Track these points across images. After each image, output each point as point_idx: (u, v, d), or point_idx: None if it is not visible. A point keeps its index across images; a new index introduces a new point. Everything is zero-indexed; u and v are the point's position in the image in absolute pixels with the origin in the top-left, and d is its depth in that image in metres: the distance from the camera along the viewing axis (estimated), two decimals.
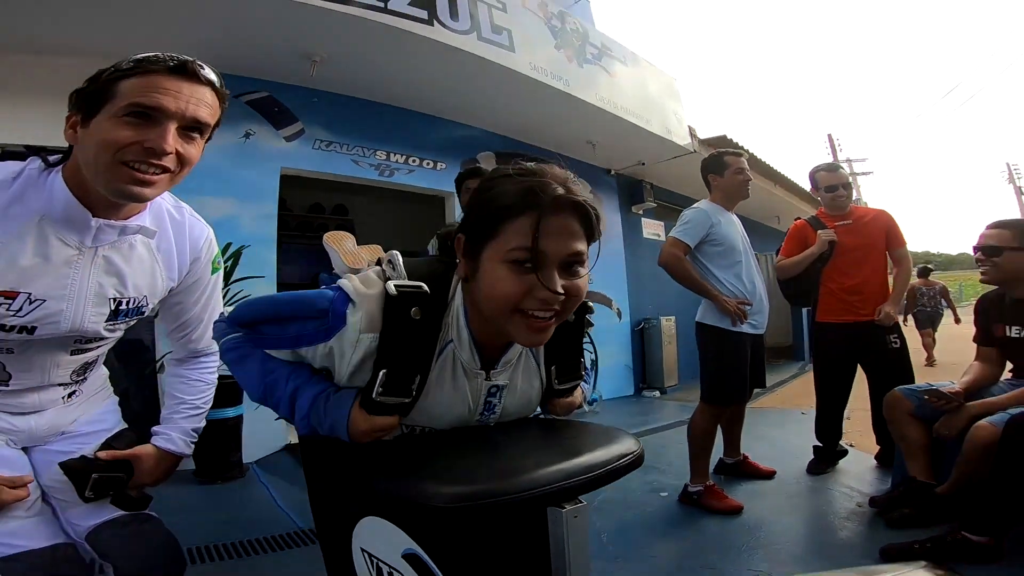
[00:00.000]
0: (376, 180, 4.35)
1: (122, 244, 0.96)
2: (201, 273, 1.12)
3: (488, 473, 0.73)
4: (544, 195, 0.75)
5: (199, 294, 1.14)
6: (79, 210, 0.88)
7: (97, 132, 0.82)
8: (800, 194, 8.91)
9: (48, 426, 1.07)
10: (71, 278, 0.92)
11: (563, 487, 0.73)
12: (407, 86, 4.11)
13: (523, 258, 0.75)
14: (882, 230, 2.87)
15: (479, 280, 0.79)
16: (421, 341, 0.82)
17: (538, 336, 0.79)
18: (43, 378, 1.02)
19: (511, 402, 0.94)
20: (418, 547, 0.85)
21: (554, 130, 5.11)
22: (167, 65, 0.84)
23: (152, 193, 0.87)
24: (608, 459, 0.80)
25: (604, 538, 2.22)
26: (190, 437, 1.19)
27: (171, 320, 1.17)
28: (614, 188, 6.32)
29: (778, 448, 3.42)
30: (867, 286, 2.80)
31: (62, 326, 0.94)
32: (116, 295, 0.98)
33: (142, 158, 0.82)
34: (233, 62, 3.52)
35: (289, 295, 0.89)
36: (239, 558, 2.12)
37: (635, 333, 6.20)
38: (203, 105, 0.87)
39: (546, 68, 4.24)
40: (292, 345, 0.86)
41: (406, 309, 0.79)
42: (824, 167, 3.03)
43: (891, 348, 2.76)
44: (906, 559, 1.84)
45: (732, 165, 2.65)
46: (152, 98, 0.81)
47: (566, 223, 0.77)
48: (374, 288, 0.81)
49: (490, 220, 0.78)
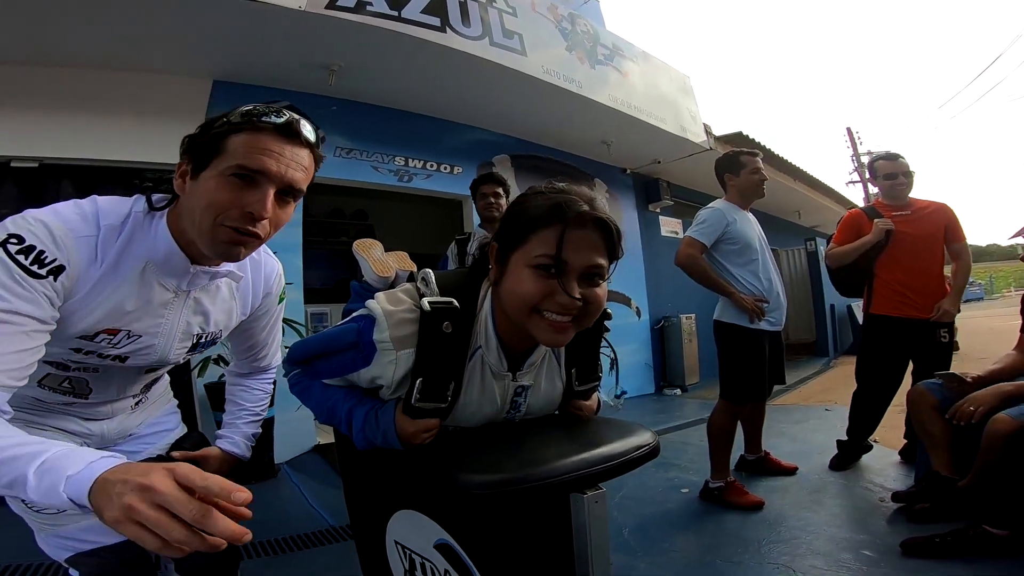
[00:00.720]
0: (395, 185, 4.42)
1: (210, 286, 1.02)
2: (270, 305, 1.18)
3: (516, 463, 0.79)
4: (570, 210, 0.83)
5: (266, 322, 1.21)
6: (180, 258, 0.92)
7: (204, 190, 0.84)
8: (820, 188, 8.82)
9: (117, 430, 1.15)
10: (165, 318, 0.98)
11: (584, 475, 0.79)
12: (423, 92, 4.18)
13: (546, 264, 0.82)
14: (941, 223, 2.80)
15: (505, 281, 0.87)
16: (453, 351, 0.89)
17: (558, 336, 0.85)
18: (119, 393, 1.10)
19: (535, 401, 1.01)
20: (449, 537, 0.92)
21: (569, 131, 5.15)
22: (274, 123, 0.85)
23: (245, 254, 0.91)
24: (626, 450, 0.87)
25: (626, 533, 2.26)
26: (250, 441, 1.26)
27: (239, 343, 1.24)
28: (630, 187, 6.33)
29: (800, 444, 3.42)
30: (924, 279, 2.74)
31: (151, 358, 1.01)
32: (200, 331, 1.05)
33: (240, 223, 0.85)
34: (253, 73, 3.63)
35: (325, 334, 1.00)
36: (274, 556, 2.20)
37: (655, 331, 6.21)
38: (300, 169, 0.88)
39: (558, 70, 4.28)
40: (340, 373, 0.95)
41: (439, 324, 0.87)
42: (883, 155, 2.96)
43: (939, 343, 2.71)
44: (927, 553, 1.86)
45: (748, 165, 2.66)
46: (257, 160, 0.83)
47: (589, 237, 0.84)
48: (403, 306, 0.88)
49: (520, 230, 0.86)
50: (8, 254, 0.77)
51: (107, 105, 3.25)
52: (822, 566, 1.90)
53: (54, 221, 0.82)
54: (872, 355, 2.90)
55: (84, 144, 3.23)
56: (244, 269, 1.07)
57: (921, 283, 2.74)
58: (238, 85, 3.69)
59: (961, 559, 1.80)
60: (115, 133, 3.26)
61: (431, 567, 0.96)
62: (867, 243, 2.78)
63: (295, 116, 0.88)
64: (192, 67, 3.51)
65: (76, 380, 1.01)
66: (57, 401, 1.03)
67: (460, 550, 0.90)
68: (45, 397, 1.01)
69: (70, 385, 1.01)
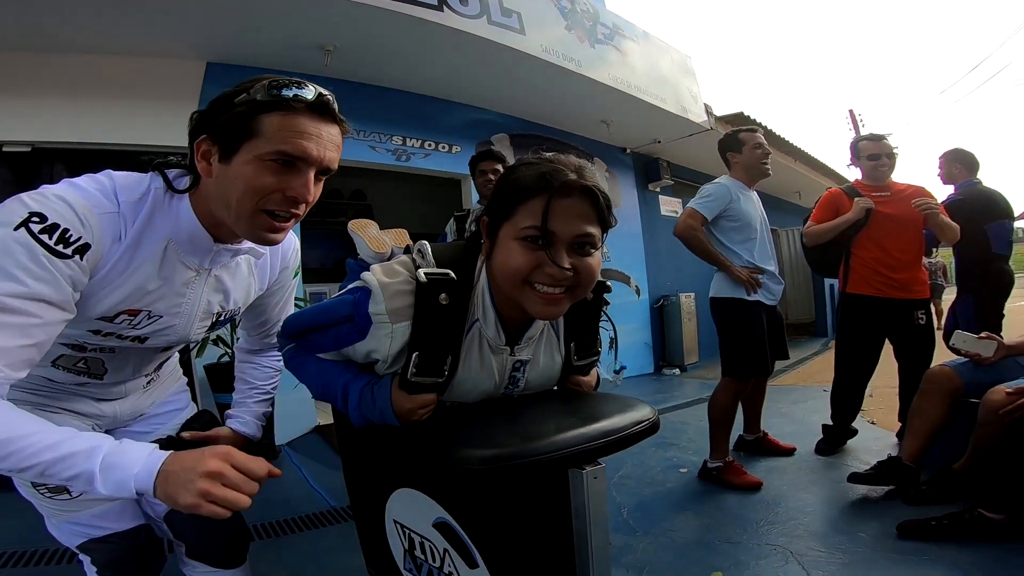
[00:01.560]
0: (393, 165, 4.39)
1: (231, 264, 1.00)
2: (286, 280, 1.17)
3: (515, 438, 0.78)
4: (555, 179, 0.81)
5: (280, 297, 1.19)
6: (205, 238, 0.90)
7: (241, 175, 0.80)
8: (821, 169, 8.76)
9: (130, 410, 1.14)
10: (187, 297, 0.95)
11: (583, 450, 0.79)
12: (420, 72, 4.12)
13: (533, 235, 0.81)
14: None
15: (496, 255, 0.86)
16: (450, 324, 0.87)
17: (550, 308, 0.84)
18: (134, 373, 1.08)
19: (534, 376, 0.99)
20: (448, 515, 0.91)
21: (568, 111, 5.10)
22: (307, 102, 0.81)
23: (281, 239, 0.90)
24: (625, 424, 0.86)
25: (624, 513, 2.27)
26: (261, 420, 1.25)
27: (251, 319, 1.22)
28: (630, 167, 6.30)
29: (798, 425, 3.43)
30: (901, 259, 2.74)
31: (171, 338, 0.99)
32: (220, 309, 1.03)
33: (283, 207, 0.83)
34: (247, 55, 3.59)
35: (320, 306, 0.96)
36: (275, 537, 2.21)
37: (654, 311, 6.21)
38: (335, 148, 0.86)
39: (557, 49, 4.22)
40: (335, 347, 0.93)
41: (435, 295, 0.85)
42: (868, 136, 2.95)
43: (917, 324, 2.72)
44: (922, 536, 1.87)
45: (749, 141, 2.64)
46: (298, 146, 0.79)
47: (576, 206, 0.82)
48: (399, 277, 0.86)
49: (508, 202, 0.85)
50: (31, 234, 0.73)
51: (100, 89, 3.22)
52: (818, 547, 1.91)
53: (76, 197, 0.78)
54: (849, 335, 2.89)
55: (77, 128, 3.20)
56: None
57: (899, 263, 2.73)
58: (232, 67, 3.65)
59: (956, 542, 1.81)
60: (108, 116, 3.23)
61: (430, 546, 0.95)
62: (847, 221, 2.76)
63: (322, 91, 0.83)
64: (185, 49, 3.46)
65: (92, 360, 0.99)
66: (71, 382, 1.01)
67: (459, 528, 0.89)
68: (58, 377, 0.99)
69: (85, 366, 0.99)
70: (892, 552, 1.83)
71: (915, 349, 2.72)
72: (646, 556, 1.92)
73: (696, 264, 2.64)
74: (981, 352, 2.17)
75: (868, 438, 3.02)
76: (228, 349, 3.21)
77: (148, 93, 3.36)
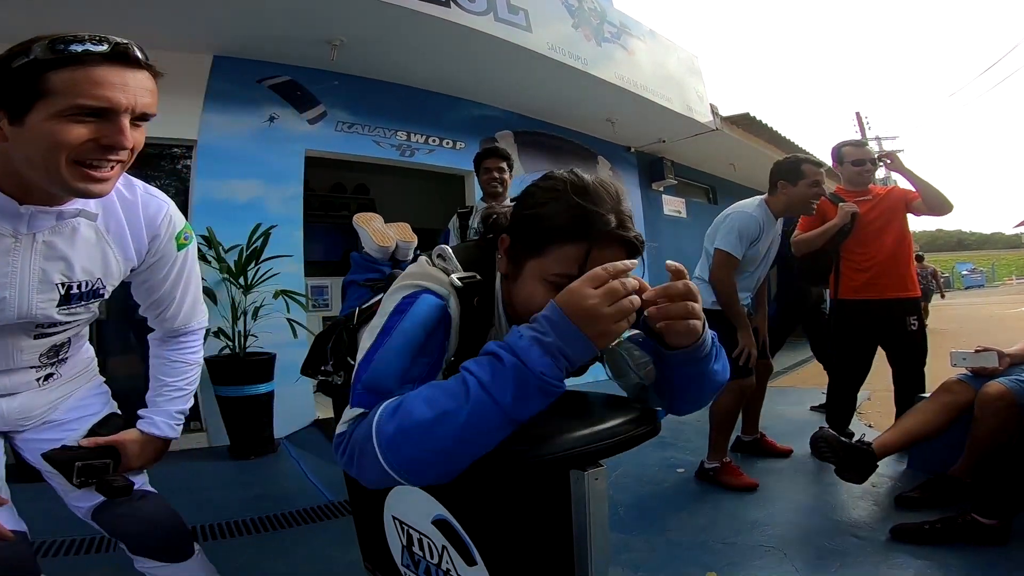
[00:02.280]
0: (397, 160, 4.41)
1: (64, 228, 0.93)
2: (164, 250, 1.07)
3: (515, 437, 0.76)
4: (595, 226, 0.77)
5: (167, 271, 1.10)
6: (6, 201, 0.85)
7: (40, 134, 0.76)
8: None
9: (20, 408, 1.07)
10: (11, 266, 0.89)
11: (585, 451, 0.79)
12: (426, 67, 4.12)
13: (562, 283, 0.73)
14: (900, 200, 2.81)
15: (518, 286, 0.84)
16: (480, 324, 0.88)
17: None
18: (8, 362, 1.02)
19: None
20: (447, 512, 0.91)
21: (573, 109, 5.09)
22: (102, 54, 0.77)
23: (109, 188, 0.85)
24: (627, 427, 0.86)
25: (621, 511, 2.28)
26: (175, 420, 1.18)
27: (143, 298, 1.14)
28: (634, 165, 6.29)
29: (796, 427, 3.43)
30: (891, 259, 2.74)
31: (7, 313, 0.93)
32: (63, 279, 0.96)
33: (99, 156, 0.80)
34: (256, 48, 3.60)
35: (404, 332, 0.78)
36: (272, 531, 2.21)
37: None
38: (148, 94, 0.82)
39: (563, 47, 4.22)
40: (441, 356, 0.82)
41: (470, 299, 0.85)
42: (851, 142, 2.97)
43: (908, 331, 2.72)
44: (916, 539, 1.87)
45: (808, 176, 2.46)
46: (101, 97, 0.76)
47: (613, 257, 0.76)
48: (444, 284, 0.85)
49: (538, 237, 0.80)
50: None
51: None
52: (813, 549, 1.92)
53: None
54: (842, 341, 2.89)
55: None
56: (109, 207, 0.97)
57: (888, 263, 2.74)
58: (239, 60, 3.66)
59: (950, 546, 1.82)
60: None
61: (429, 543, 0.96)
62: (834, 226, 2.75)
63: (120, 40, 0.79)
64: (193, 42, 3.48)
65: None
66: None
67: (458, 526, 0.89)
68: None
69: None
70: (886, 554, 1.83)
71: (907, 354, 2.74)
72: (641, 555, 1.93)
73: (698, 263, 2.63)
74: (985, 365, 2.16)
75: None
76: (229, 341, 3.23)
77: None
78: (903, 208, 2.81)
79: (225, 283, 3.32)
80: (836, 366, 2.94)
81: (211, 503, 2.48)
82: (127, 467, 1.11)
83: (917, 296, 2.81)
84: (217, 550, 2.02)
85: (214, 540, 2.12)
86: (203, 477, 2.85)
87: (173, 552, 1.17)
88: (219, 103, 3.59)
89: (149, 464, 1.16)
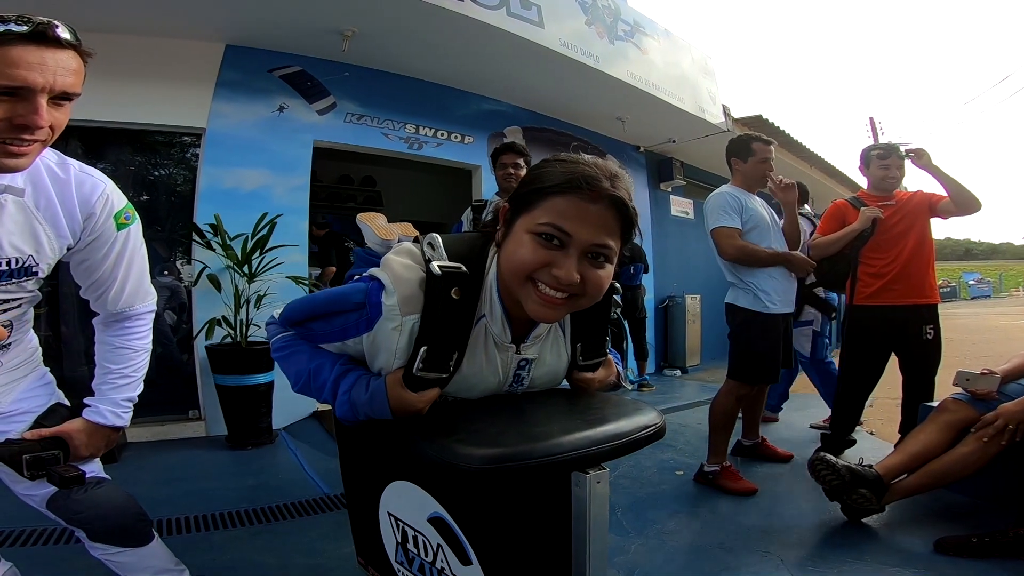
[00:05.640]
0: (405, 153, 4.38)
1: None
2: (101, 230, 1.05)
3: (517, 437, 0.77)
4: (586, 181, 0.78)
5: (105, 251, 1.08)
6: None
7: None
8: (836, 176, 8.69)
9: None
10: None
11: (588, 453, 0.77)
12: (437, 61, 4.10)
13: (549, 233, 0.78)
14: (923, 203, 2.76)
15: (506, 247, 0.84)
16: (460, 319, 0.86)
17: (547, 311, 0.81)
18: None
19: (539, 375, 0.98)
20: (444, 510, 0.90)
21: (583, 106, 5.06)
22: (20, 34, 0.77)
23: (27, 163, 0.85)
24: (631, 429, 0.84)
25: (619, 513, 2.27)
26: (121, 408, 1.15)
27: (82, 279, 1.12)
28: (643, 165, 6.25)
29: (797, 432, 3.42)
30: (909, 268, 2.69)
31: None
32: None
33: (13, 135, 0.80)
34: (266, 37, 3.59)
35: (328, 293, 0.93)
36: (266, 523, 2.21)
37: (659, 311, 6.16)
38: (69, 74, 0.83)
39: (576, 44, 4.19)
40: (340, 337, 0.90)
41: (447, 289, 0.83)
42: (880, 146, 2.91)
43: (924, 340, 2.68)
44: (963, 552, 1.84)
45: (757, 153, 2.58)
46: (16, 76, 0.77)
47: (601, 214, 0.79)
48: (411, 270, 0.84)
49: (532, 194, 0.82)
50: None
51: (117, 68, 3.22)
52: (811, 557, 1.91)
53: None
54: (855, 346, 2.85)
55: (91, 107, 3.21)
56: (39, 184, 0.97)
57: (907, 268, 2.70)
58: (251, 49, 3.66)
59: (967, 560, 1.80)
60: (123, 96, 3.25)
61: (423, 540, 0.95)
62: (854, 231, 2.73)
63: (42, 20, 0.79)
64: (204, 31, 3.47)
65: None
66: None
67: (454, 524, 0.88)
68: None
69: None
70: (886, 565, 1.82)
71: (920, 363, 2.70)
72: (637, 558, 1.92)
73: (704, 266, 2.62)
74: (988, 388, 2.13)
75: (866, 448, 3.01)
76: (231, 330, 3.23)
77: (164, 73, 3.38)
78: (926, 211, 2.75)
79: (229, 271, 3.32)
80: (845, 372, 2.90)
81: (206, 493, 2.48)
82: (76, 457, 1.09)
83: (936, 303, 2.76)
84: (209, 541, 2.03)
85: (207, 531, 2.12)
86: (199, 466, 2.85)
87: (132, 537, 1.18)
88: (229, 92, 3.58)
89: (99, 453, 1.14)
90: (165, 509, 2.24)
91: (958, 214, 2.69)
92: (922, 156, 2.68)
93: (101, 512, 1.13)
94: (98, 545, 1.16)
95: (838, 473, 2.07)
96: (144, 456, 2.92)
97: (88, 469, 1.12)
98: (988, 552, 1.81)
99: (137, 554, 1.19)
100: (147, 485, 2.53)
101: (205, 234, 3.36)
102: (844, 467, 2.08)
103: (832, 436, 2.95)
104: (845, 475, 2.06)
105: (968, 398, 2.17)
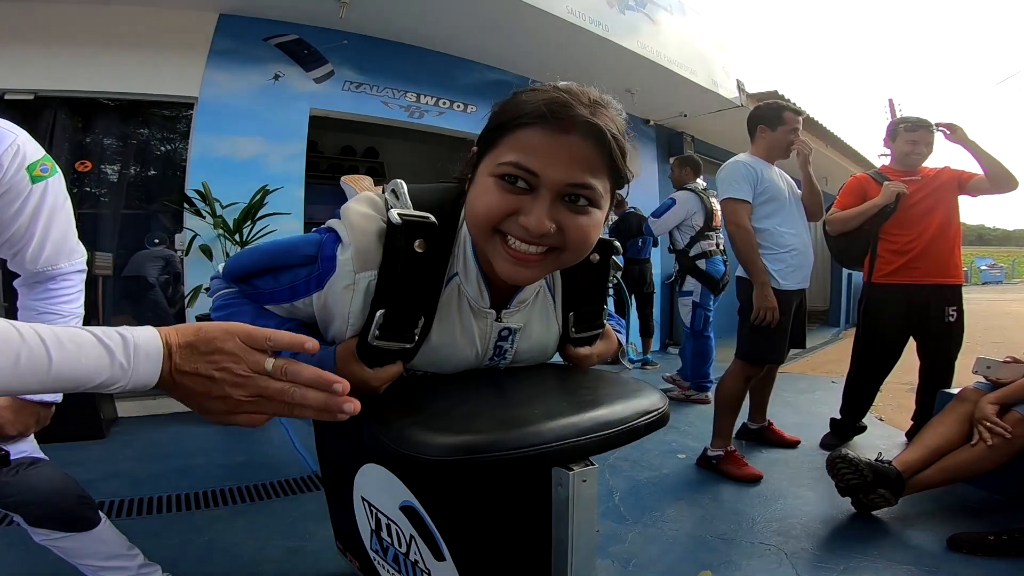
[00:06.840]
0: (406, 122, 4.28)
1: None
2: (12, 183, 0.98)
3: (489, 423, 0.64)
4: (557, 109, 0.64)
5: (19, 206, 1.00)
6: None
7: None
8: (852, 156, 8.49)
9: None
10: None
11: (573, 445, 0.64)
12: (438, 28, 3.97)
13: (511, 173, 0.65)
14: (952, 180, 2.61)
15: (471, 195, 0.70)
16: (426, 278, 0.72)
17: (518, 270, 0.68)
18: None
19: (524, 347, 0.85)
20: (415, 500, 0.79)
21: (591, 77, 4.74)
22: None
23: None
24: (628, 416, 0.70)
25: (616, 499, 2.18)
26: None
27: None
28: (652, 139, 6.11)
29: (804, 416, 3.32)
30: (933, 245, 2.56)
31: None
32: None
33: None
34: (261, 5, 3.50)
35: (277, 243, 0.80)
36: (252, 502, 2.14)
37: (664, 287, 5.99)
38: None
39: (585, 12, 4.03)
40: (289, 297, 0.76)
41: (410, 242, 0.69)
42: (908, 119, 2.73)
43: (946, 322, 2.56)
44: (978, 551, 1.74)
45: (788, 123, 2.44)
46: None
47: (577, 146, 0.65)
48: (372, 224, 0.71)
49: (495, 131, 0.69)
50: None
51: (108, 38, 3.17)
52: (815, 550, 1.81)
53: None
54: (872, 327, 2.72)
55: (81, 76, 3.17)
56: None
57: (931, 247, 2.56)
58: (245, 18, 3.56)
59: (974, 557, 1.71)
60: (115, 65, 3.20)
61: (397, 530, 0.85)
62: (875, 206, 2.59)
63: None
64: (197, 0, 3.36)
65: None
66: None
67: (426, 516, 0.78)
68: None
69: None
70: (895, 562, 1.73)
71: (940, 346, 2.58)
72: (634, 547, 1.83)
73: None
74: (1009, 377, 2.02)
75: (876, 435, 2.92)
76: None
77: (157, 43, 3.31)
78: (955, 189, 2.61)
79: (221, 239, 3.24)
80: (861, 354, 2.77)
81: (192, 470, 2.41)
82: (5, 434, 1.01)
83: (960, 283, 2.63)
84: (189, 521, 1.97)
85: (188, 510, 2.05)
86: (188, 442, 2.78)
87: (74, 522, 1.11)
88: (223, 61, 3.49)
89: (28, 431, 1.06)
90: (147, 487, 2.18)
91: (992, 192, 2.55)
92: (956, 131, 2.53)
93: (37, 496, 1.06)
94: (39, 530, 1.10)
95: (860, 473, 1.94)
96: (133, 432, 2.86)
97: (19, 449, 1.06)
98: (1005, 551, 1.71)
99: (82, 539, 1.12)
100: (132, 461, 2.47)
101: (195, 203, 3.26)
102: (867, 466, 1.95)
103: (842, 422, 2.85)
104: (868, 475, 1.93)
105: (989, 387, 2.06)
